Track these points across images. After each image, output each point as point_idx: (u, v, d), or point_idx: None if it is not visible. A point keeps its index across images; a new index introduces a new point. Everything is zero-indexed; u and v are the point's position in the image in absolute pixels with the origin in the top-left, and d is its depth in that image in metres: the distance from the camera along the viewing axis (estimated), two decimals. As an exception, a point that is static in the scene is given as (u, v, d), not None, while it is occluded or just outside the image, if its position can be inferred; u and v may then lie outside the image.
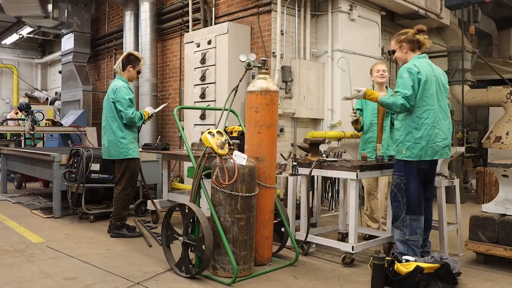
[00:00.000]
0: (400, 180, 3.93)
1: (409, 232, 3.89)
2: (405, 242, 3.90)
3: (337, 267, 4.04)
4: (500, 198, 4.29)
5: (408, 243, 3.89)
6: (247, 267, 3.75)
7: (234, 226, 3.68)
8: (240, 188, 3.67)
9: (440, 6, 8.88)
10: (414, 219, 3.89)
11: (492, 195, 6.94)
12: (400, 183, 3.93)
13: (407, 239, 3.90)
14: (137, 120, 5.03)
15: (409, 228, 3.89)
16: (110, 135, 5.04)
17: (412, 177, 3.87)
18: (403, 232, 3.92)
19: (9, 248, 4.56)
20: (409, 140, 3.84)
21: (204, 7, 7.91)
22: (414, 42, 4.03)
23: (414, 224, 3.89)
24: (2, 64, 15.45)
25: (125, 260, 4.20)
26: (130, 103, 4.97)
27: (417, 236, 3.90)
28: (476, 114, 11.94)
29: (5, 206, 6.87)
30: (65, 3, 10.53)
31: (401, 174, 3.93)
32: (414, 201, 3.88)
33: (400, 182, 3.93)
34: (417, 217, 3.90)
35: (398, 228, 3.98)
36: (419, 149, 3.81)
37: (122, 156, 5.00)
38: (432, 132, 3.81)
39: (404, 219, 3.92)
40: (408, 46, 4.05)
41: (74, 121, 9.79)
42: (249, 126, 4.02)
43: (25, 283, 3.55)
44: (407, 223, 3.90)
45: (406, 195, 3.90)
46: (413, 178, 3.87)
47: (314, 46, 7.44)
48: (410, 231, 3.89)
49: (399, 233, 3.96)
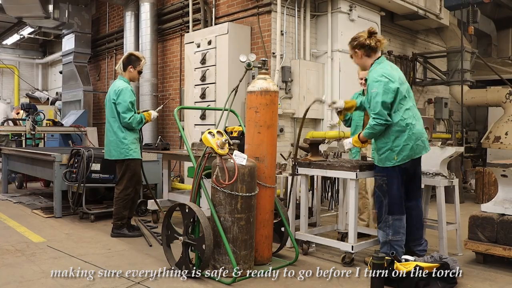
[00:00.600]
0: (382, 181, 3.91)
1: (392, 233, 3.87)
2: (388, 243, 3.89)
3: (337, 267, 4.04)
4: (499, 198, 4.29)
5: (391, 243, 3.87)
6: (247, 267, 3.76)
7: (234, 226, 3.68)
8: (240, 188, 3.67)
9: (440, 7, 8.89)
10: (397, 218, 3.87)
11: (491, 195, 6.94)
12: (382, 184, 3.91)
13: (390, 239, 3.88)
14: (135, 125, 4.99)
15: (392, 228, 3.87)
16: (111, 135, 5.04)
17: (394, 177, 3.86)
18: (386, 232, 3.90)
19: (10, 247, 4.56)
20: (398, 145, 3.81)
21: (205, 8, 7.91)
22: (366, 47, 3.96)
23: (397, 224, 3.87)
24: (3, 65, 15.44)
25: (126, 260, 4.20)
26: (130, 106, 4.94)
27: (400, 236, 3.88)
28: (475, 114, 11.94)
29: (6, 206, 6.87)
30: (65, 4, 10.53)
31: (383, 175, 3.90)
32: (396, 201, 3.86)
33: (382, 183, 3.91)
34: (399, 216, 3.88)
35: (381, 229, 3.95)
36: (409, 150, 3.81)
37: (123, 157, 4.99)
38: (416, 130, 3.83)
39: (387, 219, 3.89)
40: (361, 52, 4.00)
41: (74, 121, 9.79)
42: (249, 126, 4.02)
43: (26, 283, 3.56)
44: (390, 223, 3.88)
45: (388, 195, 3.88)
46: (395, 179, 3.86)
47: (314, 47, 7.44)
48: (393, 231, 3.87)
49: (382, 234, 3.93)
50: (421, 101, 10.08)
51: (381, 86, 3.76)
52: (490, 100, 9.35)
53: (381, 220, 3.94)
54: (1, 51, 16.03)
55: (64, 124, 9.78)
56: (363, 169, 4.04)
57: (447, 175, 4.54)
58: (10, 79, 16.47)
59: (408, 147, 3.80)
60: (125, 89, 4.97)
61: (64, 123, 9.92)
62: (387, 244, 3.89)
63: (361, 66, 4.11)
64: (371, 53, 3.98)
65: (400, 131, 3.80)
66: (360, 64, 4.09)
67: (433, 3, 8.75)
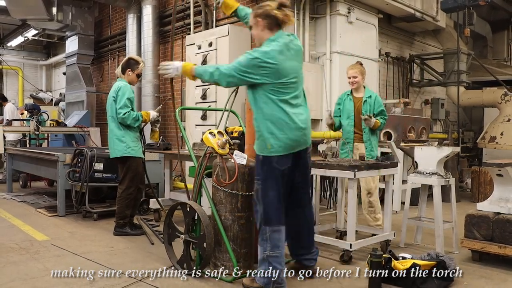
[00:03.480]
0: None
1: (270, 247, 3.28)
2: (266, 260, 3.27)
3: (336, 264, 4.04)
4: (495, 197, 4.29)
5: (269, 259, 3.25)
6: (247, 264, 3.75)
7: (235, 224, 3.67)
8: (240, 187, 3.66)
9: (436, 9, 8.89)
10: (276, 230, 3.30)
11: (487, 194, 6.93)
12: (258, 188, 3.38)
13: (268, 255, 3.27)
14: (130, 121, 4.93)
15: (270, 241, 3.28)
16: (110, 133, 5.07)
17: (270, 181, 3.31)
18: (263, 247, 3.30)
19: (15, 246, 4.56)
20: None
21: (205, 10, 7.91)
22: (272, 18, 3.33)
23: (276, 237, 3.29)
24: (7, 66, 15.45)
25: (128, 258, 4.20)
26: (127, 102, 4.91)
27: (279, 251, 3.29)
28: (471, 114, 11.94)
29: (10, 205, 6.87)
30: (69, 6, 10.53)
31: (258, 178, 3.37)
32: (272, 210, 3.30)
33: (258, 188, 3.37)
34: (278, 227, 3.31)
35: (259, 244, 3.34)
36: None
37: (121, 154, 4.98)
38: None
39: (264, 231, 3.32)
40: (264, 23, 3.36)
41: (78, 122, 9.78)
42: (249, 127, 4.01)
43: (30, 280, 3.56)
44: (268, 235, 3.29)
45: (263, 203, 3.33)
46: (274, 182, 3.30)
47: (312, 48, 7.44)
48: (272, 245, 3.28)
49: (260, 249, 3.32)
50: (418, 102, 10.08)
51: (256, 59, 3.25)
52: (485, 100, 9.34)
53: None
54: (6, 53, 16.02)
55: (68, 125, 9.78)
56: (362, 168, 4.03)
57: (443, 174, 4.54)
58: (14, 80, 16.45)
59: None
60: (124, 86, 5.00)
61: (68, 124, 9.92)
62: (266, 262, 3.29)
63: (257, 39, 3.46)
64: (274, 26, 3.35)
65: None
66: (257, 37, 3.44)
67: (430, 5, 8.76)
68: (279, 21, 3.34)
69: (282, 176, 3.32)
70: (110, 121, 5.06)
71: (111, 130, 5.04)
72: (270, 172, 3.30)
